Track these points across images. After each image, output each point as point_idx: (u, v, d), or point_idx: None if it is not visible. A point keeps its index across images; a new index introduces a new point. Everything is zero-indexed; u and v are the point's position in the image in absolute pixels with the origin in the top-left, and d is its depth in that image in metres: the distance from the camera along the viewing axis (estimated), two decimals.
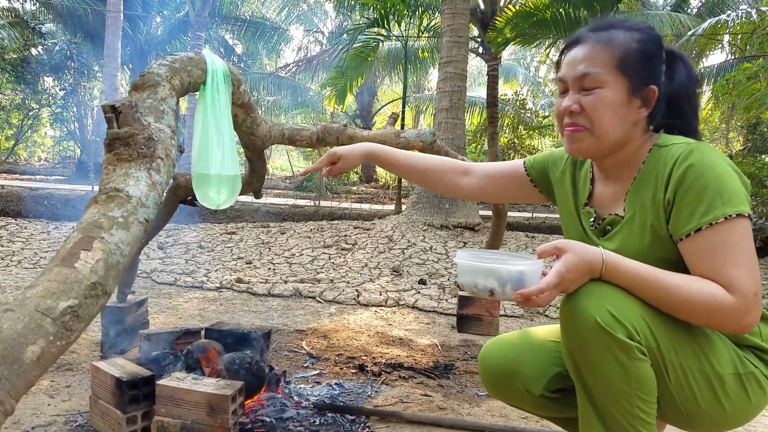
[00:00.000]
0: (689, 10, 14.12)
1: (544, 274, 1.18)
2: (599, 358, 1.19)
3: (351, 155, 1.66)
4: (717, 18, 10.00)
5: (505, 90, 20.11)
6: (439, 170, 1.66)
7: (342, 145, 2.71)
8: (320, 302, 4.61)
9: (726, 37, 12.35)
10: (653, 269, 1.15)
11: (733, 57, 13.58)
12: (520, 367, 1.42)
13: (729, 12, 9.46)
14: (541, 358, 1.42)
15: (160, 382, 1.87)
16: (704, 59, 15.79)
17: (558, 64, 1.36)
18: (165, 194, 2.66)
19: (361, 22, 12.47)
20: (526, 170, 1.58)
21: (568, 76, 1.27)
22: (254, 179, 2.72)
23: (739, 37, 11.61)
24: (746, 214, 1.12)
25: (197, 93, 2.01)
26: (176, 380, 1.89)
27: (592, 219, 1.39)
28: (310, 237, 7.38)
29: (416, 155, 1.69)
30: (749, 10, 8.45)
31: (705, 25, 10.07)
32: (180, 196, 2.70)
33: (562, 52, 1.34)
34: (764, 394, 1.22)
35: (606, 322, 1.14)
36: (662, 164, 1.22)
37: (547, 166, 1.54)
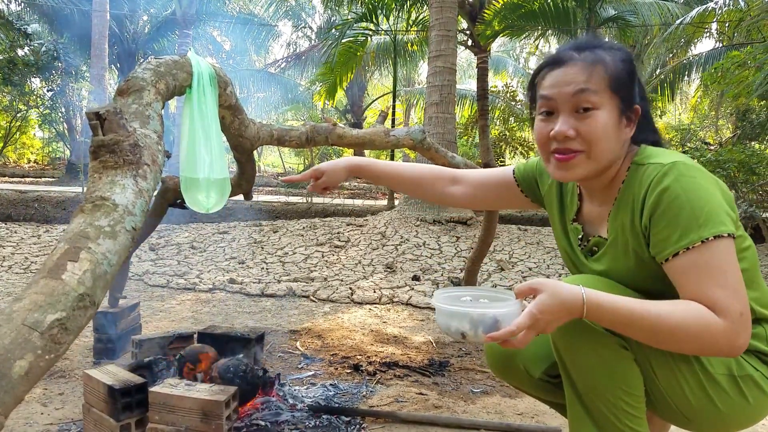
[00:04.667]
0: None
1: None
2: (581, 351, 1.22)
3: (335, 170, 1.65)
4: (705, 6, 10.02)
5: (495, 82, 20.11)
6: (427, 179, 1.65)
7: (332, 144, 2.71)
8: (314, 301, 4.60)
9: (714, 25, 12.39)
10: (637, 302, 1.10)
11: (721, 45, 13.62)
12: (521, 349, 1.43)
13: (717, 0, 9.48)
14: (543, 342, 1.43)
15: (153, 389, 1.86)
16: (692, 47, 15.85)
17: (532, 84, 1.30)
18: (154, 198, 2.65)
19: (349, 17, 12.42)
20: (515, 179, 1.56)
21: (557, 95, 1.21)
22: (243, 181, 2.70)
23: (727, 24, 11.64)
24: (725, 234, 1.09)
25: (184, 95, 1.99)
26: (169, 387, 1.87)
27: (580, 236, 1.38)
28: (302, 235, 7.36)
29: (402, 166, 1.69)
30: None
31: (693, 13, 10.10)
32: (169, 200, 2.67)
33: (538, 72, 1.28)
34: (765, 396, 1.21)
35: None
36: (638, 186, 1.20)
37: (535, 176, 1.53)
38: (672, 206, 1.12)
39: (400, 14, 12.07)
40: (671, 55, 15.95)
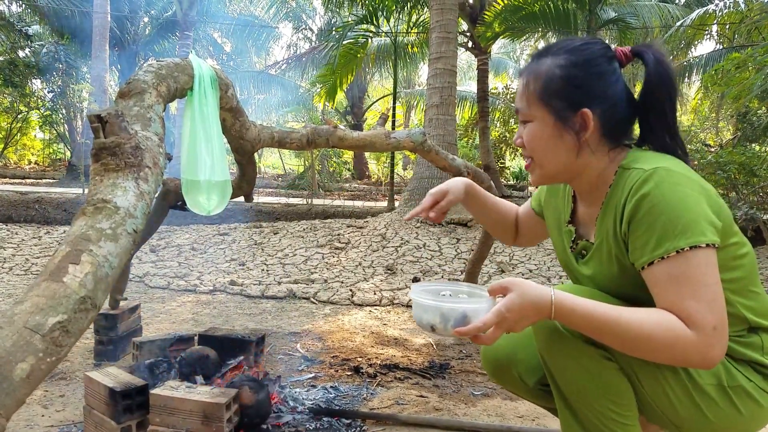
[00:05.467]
0: (678, 1, 14.16)
1: None
2: (565, 362, 1.22)
3: (457, 189, 1.56)
4: (705, 8, 10.04)
5: (495, 83, 20.13)
6: (506, 222, 1.67)
7: (333, 147, 2.71)
8: (314, 303, 4.60)
9: (714, 27, 12.40)
10: (611, 308, 1.09)
11: (721, 47, 13.63)
12: (517, 357, 1.44)
13: (717, 2, 9.49)
14: (537, 352, 1.43)
15: (154, 391, 1.86)
16: (693, 49, 15.87)
17: None
18: (155, 200, 2.65)
19: (349, 19, 12.43)
20: (533, 209, 1.60)
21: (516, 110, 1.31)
22: (244, 183, 2.71)
23: (727, 26, 11.66)
24: (704, 245, 1.05)
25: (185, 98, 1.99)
26: (170, 389, 1.88)
27: (572, 239, 1.37)
28: (303, 236, 7.36)
29: (500, 200, 1.67)
30: None
31: (693, 15, 10.11)
32: (170, 202, 2.68)
33: None
34: (759, 407, 1.18)
35: (567, 327, 1.17)
36: (621, 191, 1.18)
37: (541, 197, 1.56)
38: (650, 214, 1.09)
39: (401, 16, 12.09)
40: (672, 57, 15.95)
